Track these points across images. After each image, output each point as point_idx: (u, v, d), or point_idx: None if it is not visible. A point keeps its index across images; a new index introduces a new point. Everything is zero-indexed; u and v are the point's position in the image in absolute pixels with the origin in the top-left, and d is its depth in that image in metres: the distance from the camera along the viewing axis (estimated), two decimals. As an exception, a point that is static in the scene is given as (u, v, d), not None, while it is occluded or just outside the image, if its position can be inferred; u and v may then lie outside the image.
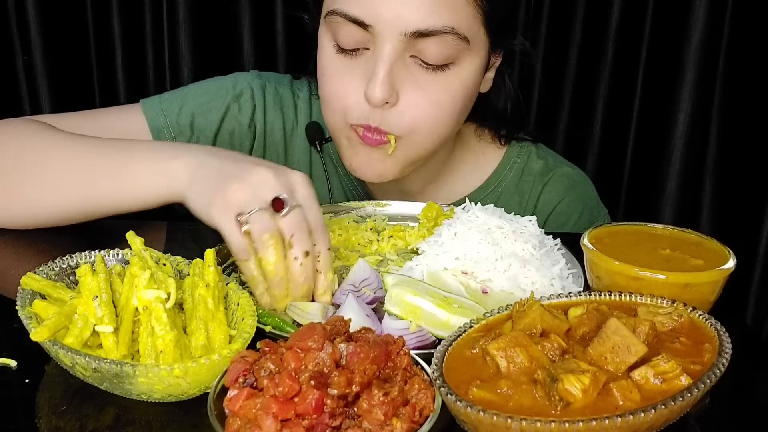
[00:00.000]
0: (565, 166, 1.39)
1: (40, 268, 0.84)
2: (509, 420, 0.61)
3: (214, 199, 0.91)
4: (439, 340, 0.84)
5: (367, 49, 1.10)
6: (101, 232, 1.13)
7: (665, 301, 0.79)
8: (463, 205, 1.08)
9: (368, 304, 0.91)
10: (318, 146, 1.32)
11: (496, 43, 1.18)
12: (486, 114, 1.34)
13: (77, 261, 0.87)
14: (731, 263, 0.87)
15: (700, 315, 0.77)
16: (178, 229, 1.22)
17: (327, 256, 0.93)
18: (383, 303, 0.89)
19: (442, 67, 1.09)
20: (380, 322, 0.85)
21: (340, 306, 0.89)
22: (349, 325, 0.71)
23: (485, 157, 1.38)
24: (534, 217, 1.04)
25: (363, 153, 1.15)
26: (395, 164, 1.16)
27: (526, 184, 1.36)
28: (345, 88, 1.12)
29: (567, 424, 0.61)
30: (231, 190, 0.89)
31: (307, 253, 0.89)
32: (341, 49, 1.11)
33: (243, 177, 0.90)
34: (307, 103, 1.36)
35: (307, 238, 0.90)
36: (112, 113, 1.31)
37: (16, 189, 1.06)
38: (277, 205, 0.89)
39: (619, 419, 0.61)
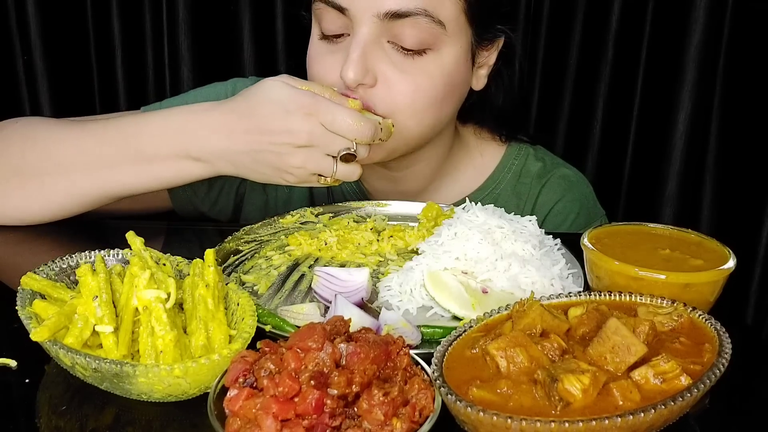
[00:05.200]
0: (562, 168, 1.39)
1: (40, 268, 0.84)
2: (509, 420, 0.61)
3: (282, 180, 1.06)
4: (427, 339, 0.84)
5: (348, 35, 1.12)
6: (101, 232, 1.13)
7: (665, 301, 0.79)
8: (463, 205, 1.08)
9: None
10: None
11: (481, 35, 1.18)
12: (485, 114, 1.34)
13: (77, 261, 0.87)
14: (731, 263, 0.87)
15: (700, 315, 0.77)
16: (178, 229, 1.22)
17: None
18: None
19: (419, 52, 1.11)
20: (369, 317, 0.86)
21: (331, 303, 0.89)
22: (349, 325, 0.71)
23: (483, 159, 1.38)
24: (534, 217, 1.04)
25: None
26: (381, 147, 1.15)
27: (523, 186, 1.36)
28: (326, 71, 1.15)
29: (567, 424, 0.61)
30: (298, 173, 1.04)
31: (381, 130, 1.06)
32: (324, 36, 1.15)
33: (302, 160, 1.03)
34: None
35: (374, 135, 1.04)
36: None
37: (30, 185, 1.09)
38: (347, 156, 1.05)
39: (619, 419, 0.61)
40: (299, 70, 1.39)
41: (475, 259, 0.96)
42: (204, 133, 1.05)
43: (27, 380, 0.77)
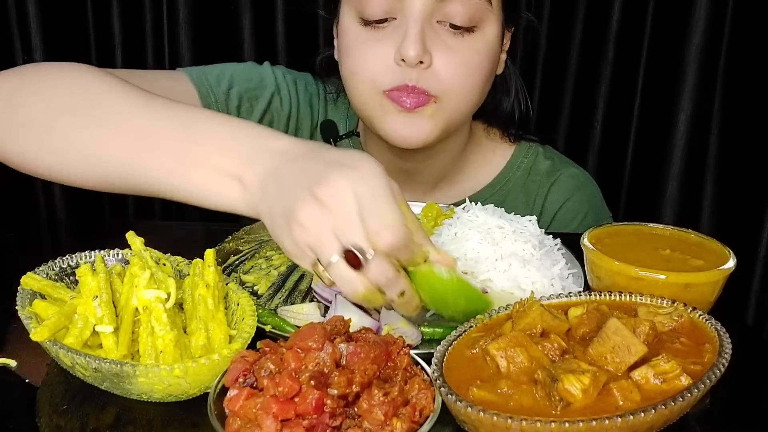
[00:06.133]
0: (571, 167, 1.40)
1: (40, 268, 0.84)
2: (509, 420, 0.61)
3: (282, 237, 0.77)
4: (427, 339, 0.84)
5: (393, 18, 1.12)
6: (101, 232, 1.13)
7: (665, 302, 0.79)
8: (463, 205, 1.08)
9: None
10: (333, 144, 1.34)
11: (508, 16, 1.21)
12: (494, 111, 1.35)
13: (77, 261, 0.87)
14: (731, 263, 0.87)
15: (700, 315, 0.77)
16: (178, 229, 1.22)
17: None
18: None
19: (468, 30, 1.13)
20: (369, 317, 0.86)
21: (331, 303, 0.89)
22: (350, 325, 0.71)
23: (494, 156, 1.39)
24: (534, 217, 1.04)
25: (402, 119, 1.15)
26: (435, 127, 1.16)
27: (533, 184, 1.37)
28: (373, 57, 1.14)
29: (567, 424, 0.61)
30: (297, 232, 0.75)
31: (403, 293, 0.77)
32: (366, 22, 1.14)
33: (307, 217, 0.74)
34: (324, 102, 1.38)
35: (398, 280, 0.76)
36: (161, 76, 1.28)
37: (70, 134, 0.90)
38: (350, 256, 0.74)
39: (619, 419, 0.60)
40: (301, 70, 1.40)
41: (475, 259, 0.96)
42: (266, 147, 0.82)
43: (27, 380, 0.77)
